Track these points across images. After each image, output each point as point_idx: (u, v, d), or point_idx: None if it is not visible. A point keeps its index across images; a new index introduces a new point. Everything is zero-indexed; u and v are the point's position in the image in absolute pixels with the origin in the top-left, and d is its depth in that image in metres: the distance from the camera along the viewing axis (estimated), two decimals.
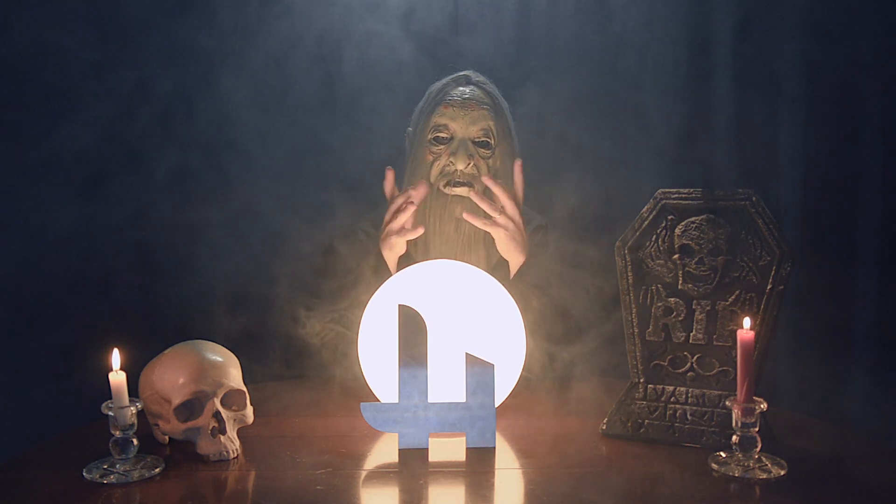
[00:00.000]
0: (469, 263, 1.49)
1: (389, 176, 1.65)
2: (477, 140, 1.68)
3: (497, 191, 1.61)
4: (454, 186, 1.68)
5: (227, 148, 2.11)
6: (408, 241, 1.66)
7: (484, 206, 1.61)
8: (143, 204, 2.07)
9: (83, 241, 2.01)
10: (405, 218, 1.61)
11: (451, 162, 1.67)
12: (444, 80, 1.75)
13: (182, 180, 2.08)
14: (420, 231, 1.62)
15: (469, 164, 1.67)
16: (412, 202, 1.60)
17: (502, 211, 1.61)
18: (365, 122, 2.10)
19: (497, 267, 1.71)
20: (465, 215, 1.62)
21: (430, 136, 1.69)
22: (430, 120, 1.70)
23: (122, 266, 2.03)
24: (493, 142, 1.69)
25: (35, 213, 1.99)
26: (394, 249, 1.64)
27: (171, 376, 1.30)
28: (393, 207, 1.63)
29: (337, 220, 1.80)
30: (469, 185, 1.67)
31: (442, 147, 1.69)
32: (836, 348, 2.10)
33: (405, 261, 1.67)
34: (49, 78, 1.96)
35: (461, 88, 1.72)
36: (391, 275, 1.63)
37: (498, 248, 1.66)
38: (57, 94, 1.99)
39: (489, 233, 1.65)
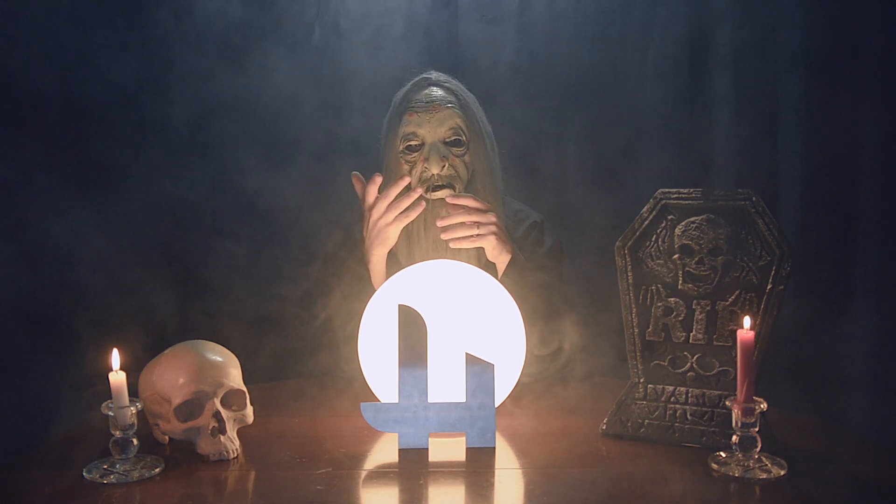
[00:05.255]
0: None
1: (377, 181, 1.61)
2: (448, 140, 1.66)
3: (465, 202, 1.60)
4: (434, 191, 1.65)
5: (229, 149, 2.11)
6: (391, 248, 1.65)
7: (468, 202, 1.60)
8: (143, 204, 2.07)
9: (83, 242, 2.01)
10: (407, 203, 1.59)
11: (427, 167, 1.64)
12: (406, 87, 1.71)
13: (183, 181, 2.08)
14: (420, 204, 1.60)
15: (444, 166, 1.64)
16: (408, 186, 1.59)
17: (485, 214, 1.60)
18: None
19: (487, 266, 1.70)
20: (452, 244, 1.60)
21: (401, 147, 1.66)
22: (399, 130, 1.66)
23: (122, 266, 2.03)
24: (464, 139, 1.66)
25: (34, 213, 1.99)
26: (386, 243, 1.62)
27: (171, 376, 1.30)
28: (381, 205, 1.60)
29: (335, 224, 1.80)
30: (449, 186, 1.65)
31: (415, 155, 1.66)
32: (836, 347, 2.10)
33: (391, 267, 1.66)
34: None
35: (424, 92, 1.68)
36: (374, 278, 1.63)
37: (489, 256, 1.65)
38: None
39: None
